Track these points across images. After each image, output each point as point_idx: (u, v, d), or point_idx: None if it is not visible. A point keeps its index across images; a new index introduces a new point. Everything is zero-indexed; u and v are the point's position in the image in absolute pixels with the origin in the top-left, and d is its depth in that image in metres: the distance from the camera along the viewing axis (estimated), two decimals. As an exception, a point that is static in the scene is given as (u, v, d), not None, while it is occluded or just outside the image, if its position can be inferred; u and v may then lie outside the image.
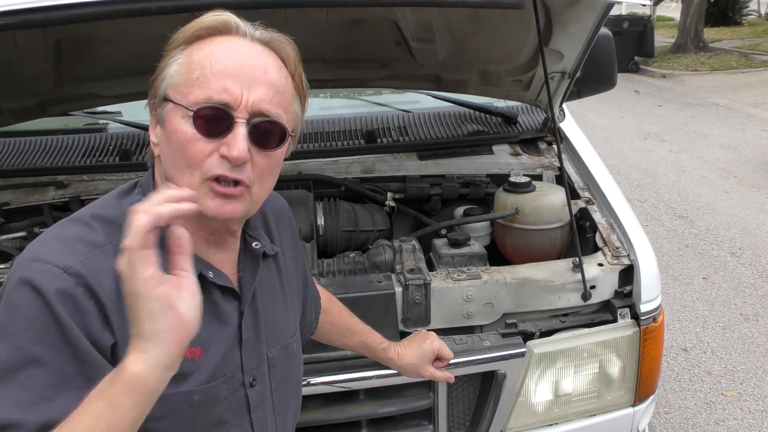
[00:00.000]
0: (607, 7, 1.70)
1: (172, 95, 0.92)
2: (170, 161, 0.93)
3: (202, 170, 0.90)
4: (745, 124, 9.08)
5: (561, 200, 1.87)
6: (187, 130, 0.90)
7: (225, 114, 0.89)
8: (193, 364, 0.95)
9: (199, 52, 0.91)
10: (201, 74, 0.90)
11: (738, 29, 19.42)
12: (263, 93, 0.91)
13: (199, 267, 0.94)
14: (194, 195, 0.82)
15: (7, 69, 1.95)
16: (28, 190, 2.08)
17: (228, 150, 0.89)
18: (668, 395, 3.26)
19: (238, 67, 0.90)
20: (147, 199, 0.82)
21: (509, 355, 1.61)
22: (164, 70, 0.94)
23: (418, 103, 2.64)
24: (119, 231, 0.90)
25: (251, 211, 0.98)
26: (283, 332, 1.13)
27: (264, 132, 0.92)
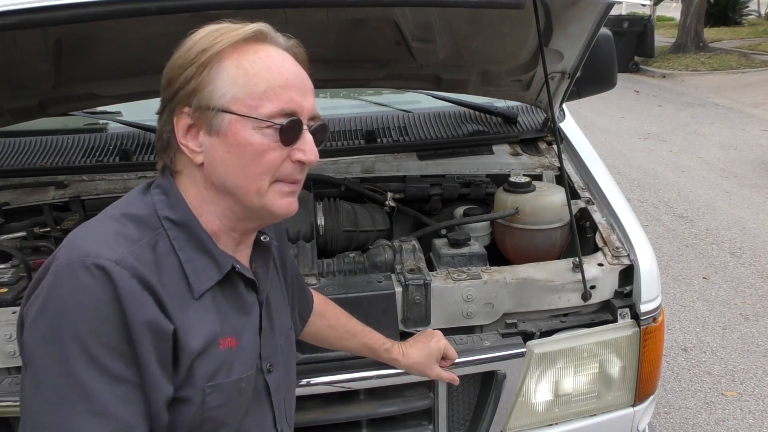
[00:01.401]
0: (607, 7, 1.70)
1: (234, 108, 0.95)
2: (236, 170, 0.97)
3: (274, 174, 0.97)
4: (745, 124, 9.08)
5: (561, 200, 1.87)
6: (262, 141, 0.95)
7: (300, 124, 0.98)
8: (232, 353, 1.00)
9: (254, 66, 0.96)
10: (268, 87, 0.95)
11: (738, 29, 19.42)
12: (311, 99, 1.01)
13: (229, 259, 1.02)
14: None
15: (7, 69, 1.95)
16: (28, 190, 2.08)
17: (305, 156, 0.98)
18: (668, 395, 3.26)
19: (294, 78, 0.98)
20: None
21: (509, 355, 1.61)
22: (209, 84, 0.95)
23: (418, 103, 2.64)
24: (148, 228, 0.96)
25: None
26: (285, 321, 1.20)
27: (319, 133, 1.02)
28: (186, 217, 0.99)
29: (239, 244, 1.06)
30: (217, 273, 0.99)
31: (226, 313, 1.01)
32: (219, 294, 1.00)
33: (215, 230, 1.01)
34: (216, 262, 1.00)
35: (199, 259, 0.98)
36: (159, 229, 0.97)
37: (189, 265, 0.97)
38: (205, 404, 0.96)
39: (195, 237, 0.99)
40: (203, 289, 0.97)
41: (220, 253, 1.01)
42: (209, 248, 0.99)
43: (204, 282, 0.97)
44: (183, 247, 0.97)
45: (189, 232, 0.98)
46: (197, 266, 0.97)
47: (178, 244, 0.97)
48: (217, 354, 0.97)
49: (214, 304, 0.99)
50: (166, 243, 0.96)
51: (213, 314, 0.98)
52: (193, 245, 0.98)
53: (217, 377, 0.97)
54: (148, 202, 1.00)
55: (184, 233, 0.98)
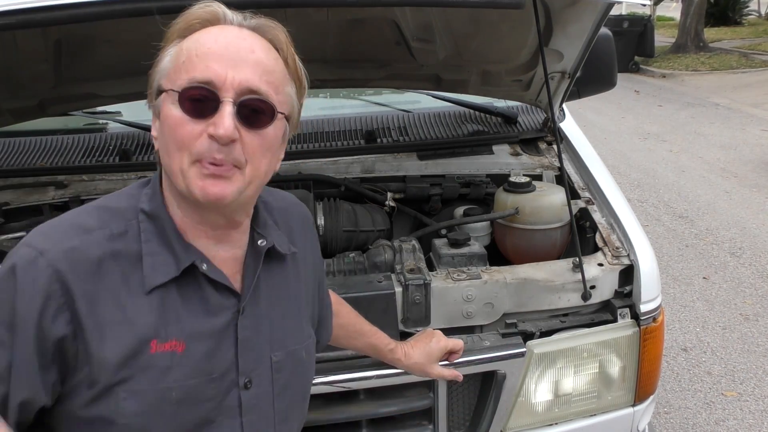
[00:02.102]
0: (607, 7, 1.70)
1: (164, 84, 0.93)
2: (164, 149, 0.93)
3: (191, 152, 0.90)
4: (745, 124, 9.07)
5: (561, 200, 1.87)
6: (176, 114, 0.90)
7: (210, 93, 0.89)
8: (173, 358, 0.93)
9: (188, 40, 0.93)
10: (187, 58, 0.90)
11: (738, 29, 19.42)
12: (249, 71, 0.90)
13: (192, 256, 0.95)
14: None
15: (7, 69, 1.95)
16: (28, 190, 2.08)
17: (214, 129, 0.88)
18: (668, 395, 3.26)
19: (222, 48, 0.90)
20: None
21: (509, 355, 1.61)
22: (158, 64, 0.95)
23: (418, 103, 2.64)
24: (117, 219, 0.95)
25: (245, 193, 0.95)
26: (292, 337, 1.09)
27: (252, 110, 0.91)
28: (157, 208, 0.97)
29: (218, 241, 0.99)
30: (174, 269, 0.94)
31: (178, 314, 0.94)
32: (175, 292, 0.95)
33: (183, 223, 0.97)
34: (176, 257, 0.95)
35: (160, 254, 0.94)
36: (132, 221, 0.96)
37: (149, 258, 0.94)
38: (120, 410, 0.90)
39: (162, 230, 0.96)
40: (154, 284, 0.93)
41: (183, 248, 0.96)
42: (172, 242, 0.95)
43: (158, 277, 0.93)
44: (149, 240, 0.95)
45: (158, 225, 0.96)
46: (157, 260, 0.94)
47: (146, 236, 0.95)
48: (145, 358, 0.91)
49: (161, 304, 0.93)
50: (135, 235, 0.95)
51: (154, 315, 0.93)
52: (159, 238, 0.95)
53: (139, 383, 0.90)
54: (136, 195, 0.99)
55: (153, 225, 0.96)
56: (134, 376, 0.90)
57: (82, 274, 0.89)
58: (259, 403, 1.03)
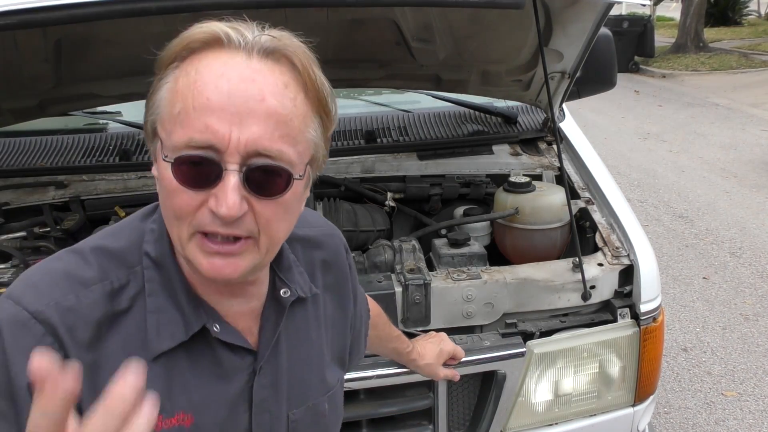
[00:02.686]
0: (607, 7, 1.70)
1: (159, 131, 0.76)
2: (162, 206, 0.79)
3: (190, 224, 0.75)
4: (745, 124, 9.08)
5: (561, 200, 1.87)
6: (170, 179, 0.73)
7: (210, 160, 0.72)
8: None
9: (185, 78, 0.74)
10: (182, 109, 0.73)
11: (738, 29, 19.42)
12: (258, 128, 0.72)
13: (203, 318, 0.82)
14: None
15: (7, 69, 1.95)
16: (28, 190, 2.08)
17: (216, 206, 0.72)
18: (668, 395, 3.26)
19: (225, 98, 0.71)
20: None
21: (509, 355, 1.61)
22: (153, 95, 0.77)
23: (418, 103, 2.64)
24: (118, 266, 0.81)
25: (261, 264, 0.81)
26: (313, 389, 0.98)
27: (263, 176, 0.74)
28: (163, 256, 0.82)
29: (226, 295, 0.85)
30: (182, 332, 0.81)
31: (186, 383, 0.82)
32: (183, 357, 0.82)
33: (189, 275, 0.83)
34: (184, 317, 0.81)
35: (166, 312, 0.81)
36: (135, 266, 0.82)
37: (153, 316, 0.80)
38: None
39: (168, 282, 0.82)
40: (160, 350, 0.80)
41: (193, 306, 0.82)
42: (179, 299, 0.81)
43: (164, 341, 0.80)
44: (154, 293, 0.81)
45: (164, 275, 0.82)
46: (162, 319, 0.80)
47: (151, 287, 0.81)
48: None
49: (167, 372, 0.81)
50: (139, 284, 0.81)
51: (158, 385, 0.79)
52: (165, 291, 0.81)
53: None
54: (138, 229, 0.85)
55: (159, 275, 0.82)
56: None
57: (81, 341, 0.77)
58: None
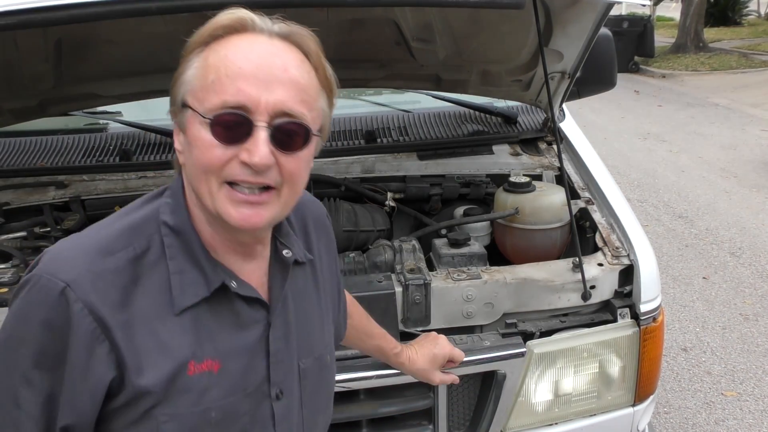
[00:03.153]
0: (607, 7, 1.70)
1: (190, 101, 0.88)
2: (192, 169, 0.90)
3: (219, 175, 0.86)
4: (745, 124, 9.08)
5: (561, 200, 1.87)
6: (205, 137, 0.86)
7: (243, 119, 0.85)
8: (210, 378, 0.91)
9: (215, 55, 0.87)
10: (216, 78, 0.85)
11: (738, 29, 19.43)
12: (284, 93, 0.86)
13: (222, 276, 0.93)
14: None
15: (7, 69, 1.95)
16: (29, 190, 2.08)
17: (249, 156, 0.84)
18: (668, 395, 3.26)
19: (254, 67, 0.85)
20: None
21: (509, 355, 1.61)
22: (182, 75, 0.90)
23: (418, 103, 2.64)
24: (138, 235, 0.91)
25: (281, 215, 0.93)
26: (317, 342, 1.09)
27: (287, 134, 0.87)
28: (182, 223, 0.93)
29: (246, 256, 0.97)
30: (204, 289, 0.92)
31: (211, 332, 0.92)
32: (206, 310, 0.92)
33: (211, 240, 0.94)
34: (206, 276, 0.92)
35: (189, 272, 0.91)
36: (153, 234, 0.92)
37: (176, 277, 0.90)
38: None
39: (188, 246, 0.92)
40: (185, 305, 0.90)
41: (212, 266, 0.93)
42: (200, 260, 0.92)
43: (188, 298, 0.90)
44: (175, 257, 0.91)
45: (183, 241, 0.92)
46: (185, 279, 0.91)
47: (171, 252, 0.91)
48: (183, 381, 0.89)
49: (194, 324, 0.91)
50: (158, 250, 0.91)
51: (188, 336, 0.90)
52: (186, 255, 0.92)
53: (178, 405, 0.89)
54: (153, 205, 0.95)
55: (179, 241, 0.92)
56: (174, 400, 0.89)
57: (113, 303, 0.86)
58: (289, 412, 1.02)
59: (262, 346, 0.98)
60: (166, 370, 0.88)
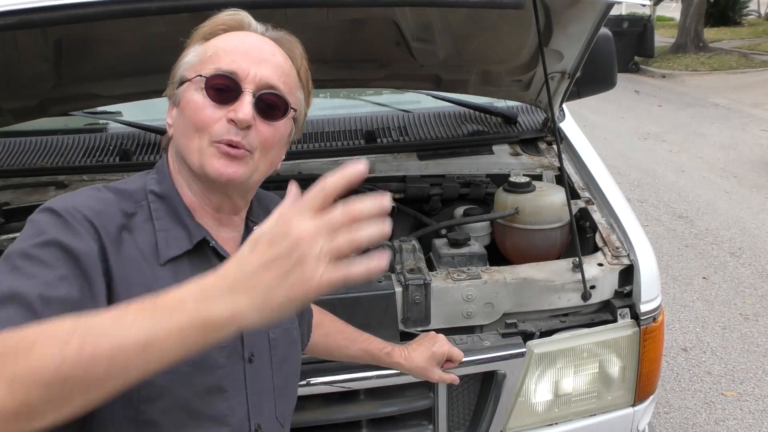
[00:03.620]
0: (607, 8, 1.70)
1: (188, 74, 1.02)
2: (182, 132, 1.02)
3: (210, 134, 0.98)
4: (745, 124, 9.08)
5: (561, 200, 1.87)
6: (198, 99, 0.98)
7: (233, 83, 0.98)
8: None
9: (214, 40, 1.03)
10: (214, 53, 1.00)
11: (738, 29, 19.43)
12: (270, 70, 1.00)
13: (203, 233, 1.03)
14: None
15: (7, 69, 1.95)
16: (28, 190, 2.08)
17: (235, 114, 0.97)
18: (668, 395, 3.26)
19: (248, 47, 1.01)
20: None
21: (509, 355, 1.61)
22: (182, 60, 1.04)
23: (418, 103, 2.64)
24: (127, 199, 1.01)
25: (252, 178, 1.03)
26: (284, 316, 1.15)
27: (269, 103, 1.00)
28: (168, 189, 1.04)
29: (221, 224, 1.07)
30: (187, 243, 1.01)
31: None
32: (187, 264, 1.01)
33: (192, 203, 1.05)
34: (188, 232, 1.02)
35: (173, 230, 1.01)
36: (142, 201, 1.02)
37: (162, 233, 1.00)
38: None
39: (173, 208, 1.03)
40: (170, 256, 0.99)
41: (194, 225, 1.03)
42: (184, 219, 1.03)
43: (172, 250, 1.00)
44: (161, 218, 1.02)
45: (168, 204, 1.03)
46: (170, 235, 1.01)
47: (157, 214, 1.02)
48: None
49: (175, 276, 0.98)
50: (146, 213, 1.01)
51: (171, 282, 0.92)
52: (171, 216, 1.02)
53: None
54: (142, 179, 1.06)
55: (164, 205, 1.03)
56: None
57: (109, 236, 0.94)
58: (260, 377, 1.08)
59: None
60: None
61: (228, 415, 1.02)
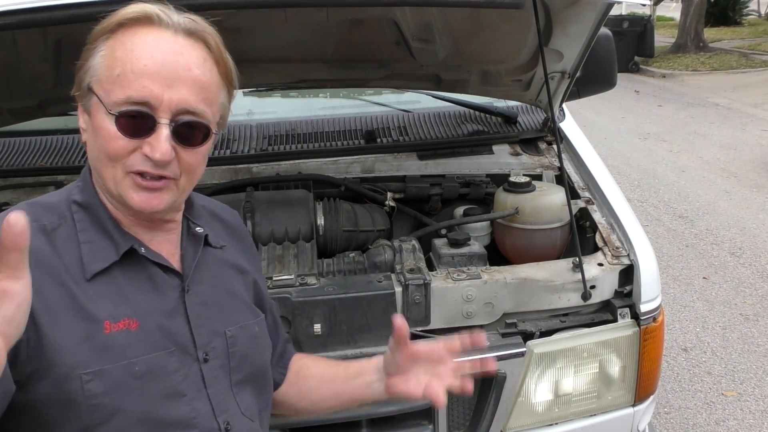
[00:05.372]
0: (607, 7, 1.70)
1: (96, 89, 0.93)
2: (95, 153, 0.96)
3: (124, 164, 0.93)
4: (745, 124, 9.08)
5: (561, 200, 1.87)
6: (110, 129, 0.91)
7: (146, 114, 0.91)
8: (128, 335, 0.95)
9: (122, 48, 0.92)
10: (121, 72, 0.91)
11: (738, 29, 19.44)
12: (186, 91, 0.92)
13: (131, 242, 0.99)
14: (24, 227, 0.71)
15: (7, 69, 1.95)
16: (28, 190, 2.08)
17: (151, 152, 0.91)
18: (668, 395, 3.26)
19: (159, 65, 0.91)
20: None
21: (509, 355, 1.61)
22: (88, 60, 0.95)
23: (418, 103, 2.64)
24: (49, 213, 0.97)
25: (178, 201, 1.01)
26: (241, 314, 1.13)
27: (188, 130, 0.94)
28: (89, 198, 1.00)
29: (153, 229, 1.03)
30: (114, 254, 0.98)
31: (126, 295, 0.97)
32: (120, 275, 0.98)
33: (115, 213, 1.00)
34: (114, 243, 0.98)
35: (98, 241, 0.98)
36: (65, 212, 0.98)
37: (86, 246, 0.97)
38: (86, 392, 0.90)
39: (97, 218, 0.99)
40: (96, 270, 0.95)
41: (120, 234, 0.99)
42: (108, 230, 0.99)
43: (98, 263, 0.96)
44: (86, 229, 0.98)
45: (92, 214, 0.99)
46: (95, 247, 0.97)
47: (81, 225, 0.98)
48: (100, 338, 0.92)
49: (108, 288, 0.96)
50: (70, 226, 0.98)
51: (104, 299, 0.95)
52: (95, 227, 0.99)
53: (99, 362, 0.91)
54: (67, 190, 1.02)
55: (89, 215, 0.99)
56: (93, 358, 0.91)
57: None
58: (218, 375, 1.06)
59: (180, 309, 1.03)
60: (81, 327, 0.91)
61: (193, 417, 1.01)
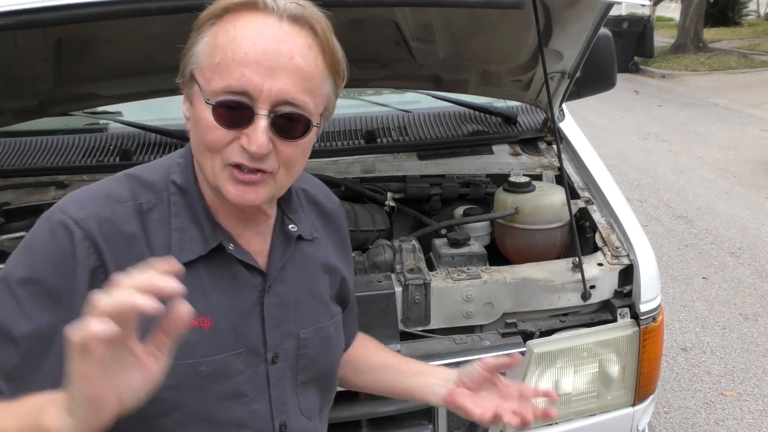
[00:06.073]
0: (607, 8, 1.70)
1: (197, 77, 0.91)
2: (195, 143, 0.94)
3: (222, 155, 0.90)
4: (744, 124, 9.08)
5: (561, 200, 1.87)
6: (208, 118, 0.89)
7: (245, 105, 0.87)
8: (201, 334, 0.94)
9: (225, 34, 0.88)
10: (222, 60, 0.87)
11: (737, 29, 19.45)
12: (287, 81, 0.88)
13: (220, 237, 0.97)
14: (179, 289, 0.72)
15: (7, 69, 1.95)
16: (29, 190, 2.08)
17: (247, 143, 0.88)
18: (668, 395, 3.26)
19: (260, 54, 0.86)
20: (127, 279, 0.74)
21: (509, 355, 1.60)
22: (193, 46, 0.92)
23: (418, 103, 2.64)
24: (147, 191, 0.96)
25: (276, 195, 0.97)
26: (318, 315, 1.10)
27: (288, 122, 0.90)
28: (187, 183, 0.98)
29: (248, 222, 1.00)
30: (202, 247, 0.95)
31: (205, 291, 0.96)
32: (203, 269, 0.96)
33: (212, 202, 0.98)
34: (204, 236, 0.96)
35: (189, 230, 0.95)
36: (162, 192, 0.96)
37: (177, 234, 0.95)
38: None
39: (191, 206, 0.97)
40: (182, 261, 0.89)
41: (212, 227, 0.97)
42: (201, 220, 0.96)
43: (185, 255, 0.93)
44: (179, 215, 0.96)
45: (188, 200, 0.97)
46: (185, 237, 0.95)
47: (175, 209, 0.96)
48: None
49: (189, 280, 0.88)
50: (165, 208, 0.96)
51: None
52: (189, 214, 0.96)
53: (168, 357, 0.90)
54: (169, 166, 1.00)
55: (185, 200, 0.97)
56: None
57: (115, 246, 0.90)
58: (284, 376, 1.04)
59: (257, 310, 1.01)
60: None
61: (248, 418, 1.00)
